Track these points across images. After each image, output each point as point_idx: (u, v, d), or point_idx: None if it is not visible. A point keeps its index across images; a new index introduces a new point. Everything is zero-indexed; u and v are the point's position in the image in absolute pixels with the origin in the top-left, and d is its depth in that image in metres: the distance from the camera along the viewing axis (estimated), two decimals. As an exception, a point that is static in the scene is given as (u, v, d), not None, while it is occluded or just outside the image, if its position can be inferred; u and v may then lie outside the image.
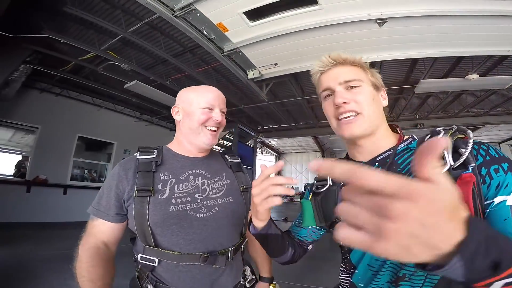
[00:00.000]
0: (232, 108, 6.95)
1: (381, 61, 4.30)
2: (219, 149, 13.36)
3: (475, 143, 0.61)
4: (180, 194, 0.95)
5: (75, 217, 6.81)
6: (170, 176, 0.97)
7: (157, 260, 0.90)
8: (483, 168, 0.58)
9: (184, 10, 3.03)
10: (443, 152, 0.59)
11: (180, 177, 0.98)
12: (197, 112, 1.00)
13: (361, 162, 0.79)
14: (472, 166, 0.58)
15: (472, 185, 0.54)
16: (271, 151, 19.47)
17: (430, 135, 0.67)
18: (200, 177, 1.01)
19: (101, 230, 0.95)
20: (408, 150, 0.73)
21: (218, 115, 1.01)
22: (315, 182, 0.89)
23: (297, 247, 0.92)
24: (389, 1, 3.02)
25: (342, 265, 0.84)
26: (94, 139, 7.67)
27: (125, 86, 5.55)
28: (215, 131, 1.02)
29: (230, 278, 0.97)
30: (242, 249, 1.06)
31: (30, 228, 5.59)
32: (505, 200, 0.53)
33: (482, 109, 7.45)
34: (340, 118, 0.75)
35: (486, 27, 3.33)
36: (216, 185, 1.03)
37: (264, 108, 7.47)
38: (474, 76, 4.77)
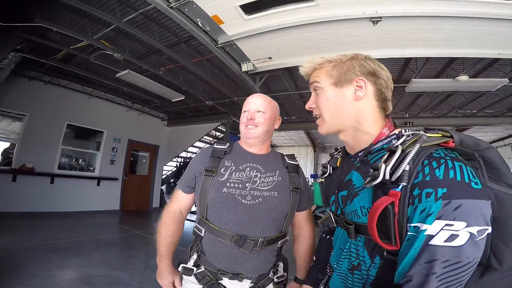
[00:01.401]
0: (225, 100, 6.96)
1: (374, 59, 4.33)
2: (211, 139, 13.33)
3: (430, 157, 0.57)
4: (234, 180, 1.13)
5: (62, 207, 6.77)
6: (232, 164, 1.17)
7: (204, 230, 1.10)
8: (417, 188, 0.55)
9: (179, 1, 2.99)
10: (380, 165, 0.58)
11: (239, 167, 1.17)
12: (241, 115, 1.26)
13: (350, 154, 0.84)
14: (402, 184, 0.55)
15: (390, 203, 0.54)
16: (263, 145, 19.50)
17: (395, 137, 0.69)
18: (255, 170, 1.18)
19: (178, 198, 1.25)
20: (382, 151, 0.70)
21: (249, 115, 1.20)
22: (322, 168, 1.00)
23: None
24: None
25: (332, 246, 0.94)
26: (84, 127, 7.53)
27: (117, 75, 5.47)
28: (250, 127, 1.20)
29: (254, 267, 1.09)
30: (278, 245, 1.17)
31: (15, 218, 5.53)
32: (425, 229, 0.52)
33: (470, 110, 7.61)
34: None
35: (478, 29, 3.37)
36: (266, 180, 1.17)
37: (257, 102, 7.44)
38: (464, 78, 4.86)
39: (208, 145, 1.31)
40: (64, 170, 7.13)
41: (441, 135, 0.61)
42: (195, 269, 1.09)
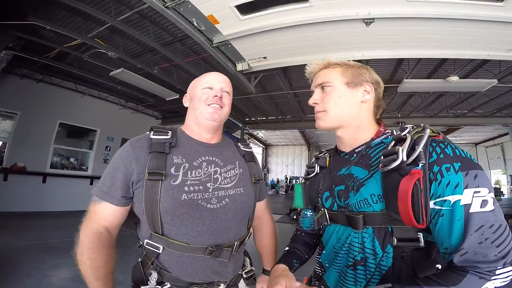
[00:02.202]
0: (220, 99, 6.97)
1: (367, 60, 4.40)
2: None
3: (434, 141, 0.65)
4: (192, 182, 0.91)
5: (55, 206, 6.70)
6: (184, 160, 0.93)
7: (161, 247, 0.87)
8: (435, 165, 0.61)
9: (175, 1, 3.00)
10: (398, 149, 0.63)
11: (194, 163, 0.95)
12: (199, 92, 1.00)
13: (344, 152, 0.88)
14: (422, 163, 0.61)
15: (417, 180, 0.58)
16: (259, 143, 19.56)
17: (399, 131, 0.72)
18: (213, 165, 0.98)
19: (104, 215, 0.90)
20: (382, 144, 0.79)
21: (218, 92, 0.99)
22: (306, 169, 1.01)
23: (311, 241, 1.04)
24: (377, 1, 3.09)
25: (320, 245, 0.95)
26: (76, 126, 7.47)
27: (111, 73, 5.44)
28: (217, 107, 0.99)
29: (231, 270, 0.97)
30: (244, 243, 1.05)
31: (7, 218, 5.45)
32: (459, 200, 0.56)
33: (460, 110, 7.76)
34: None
35: (469, 31, 3.47)
36: (228, 174, 1.00)
37: (252, 100, 7.49)
38: (454, 78, 4.97)
39: (139, 136, 0.96)
40: (57, 169, 7.06)
41: (431, 131, 0.70)
42: (159, 287, 0.89)
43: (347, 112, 0.83)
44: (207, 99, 0.98)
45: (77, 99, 7.39)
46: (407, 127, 0.71)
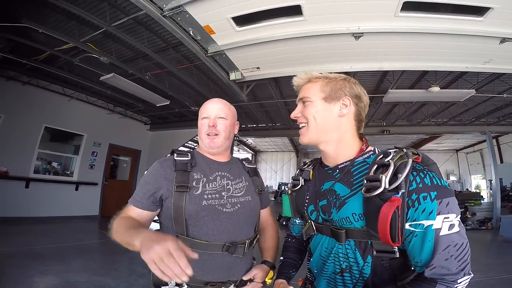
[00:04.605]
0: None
1: (355, 72, 4.59)
2: (195, 145, 13.22)
3: (415, 169, 0.72)
4: (210, 191, 1.10)
5: (38, 212, 6.50)
6: (202, 176, 1.12)
7: None
8: (414, 193, 0.68)
9: (173, 10, 3.05)
10: (381, 177, 0.69)
11: (210, 177, 1.14)
12: (199, 123, 1.20)
13: (328, 166, 0.92)
14: (402, 191, 0.68)
15: (396, 207, 0.66)
16: (248, 149, 19.63)
17: (382, 156, 0.76)
18: (225, 178, 1.17)
19: (137, 213, 1.07)
20: (364, 163, 0.83)
21: (211, 122, 1.16)
22: (292, 181, 1.07)
23: (301, 246, 1.13)
24: (366, 16, 3.24)
25: (308, 252, 1.03)
26: (62, 130, 7.26)
27: (102, 78, 5.39)
28: (212, 135, 1.16)
29: (243, 269, 1.12)
30: (254, 245, 1.20)
31: (-12, 224, 5.26)
32: (432, 224, 0.66)
33: (441, 119, 8.12)
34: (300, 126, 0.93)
35: (449, 45, 3.67)
36: (238, 186, 1.19)
37: (243, 108, 7.56)
38: (435, 89, 5.26)
39: (165, 158, 1.16)
40: (40, 175, 6.83)
41: (412, 153, 0.76)
42: None
43: (325, 126, 0.86)
44: (205, 130, 1.17)
45: (64, 103, 7.22)
46: (390, 152, 0.76)
